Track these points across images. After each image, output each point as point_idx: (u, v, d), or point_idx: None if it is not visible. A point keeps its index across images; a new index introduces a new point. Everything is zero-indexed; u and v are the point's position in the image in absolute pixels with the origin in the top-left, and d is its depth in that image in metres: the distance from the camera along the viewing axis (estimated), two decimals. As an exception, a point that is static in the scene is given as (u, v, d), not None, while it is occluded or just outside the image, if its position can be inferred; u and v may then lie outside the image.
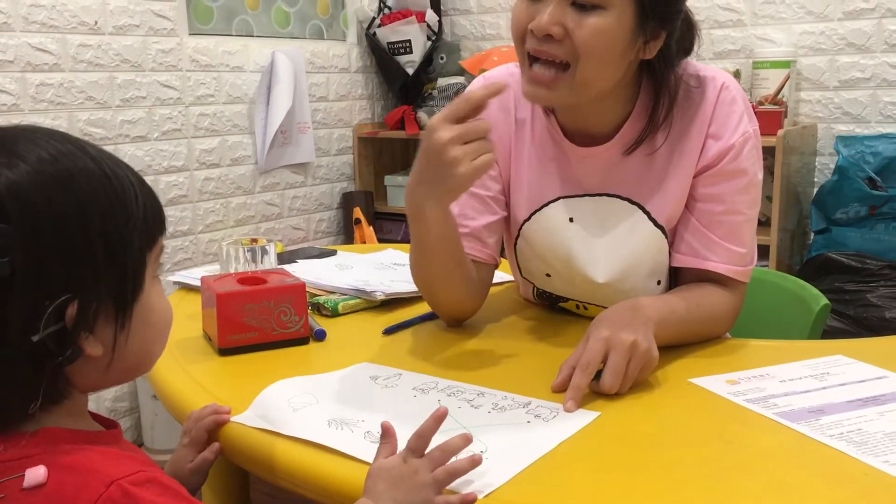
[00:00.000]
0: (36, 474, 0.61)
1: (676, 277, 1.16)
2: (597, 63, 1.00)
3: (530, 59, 1.03)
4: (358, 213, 2.94)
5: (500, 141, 1.16)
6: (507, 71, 1.19)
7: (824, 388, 0.92)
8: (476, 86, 1.12)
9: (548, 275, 1.19)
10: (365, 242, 2.85)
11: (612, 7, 0.97)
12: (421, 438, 0.74)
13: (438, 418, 0.75)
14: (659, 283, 1.15)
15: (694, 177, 1.09)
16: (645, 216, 1.11)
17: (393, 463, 0.71)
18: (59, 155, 0.62)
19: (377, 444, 0.77)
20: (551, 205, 1.15)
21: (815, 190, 2.49)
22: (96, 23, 2.23)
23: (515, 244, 1.21)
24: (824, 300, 1.31)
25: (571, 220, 1.14)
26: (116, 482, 0.60)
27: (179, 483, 0.65)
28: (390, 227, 3.06)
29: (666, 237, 1.11)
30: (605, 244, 1.12)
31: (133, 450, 0.71)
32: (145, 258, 0.67)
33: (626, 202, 1.12)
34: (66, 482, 0.61)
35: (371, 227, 2.94)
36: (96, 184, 0.63)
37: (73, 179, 0.62)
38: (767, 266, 2.30)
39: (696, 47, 1.09)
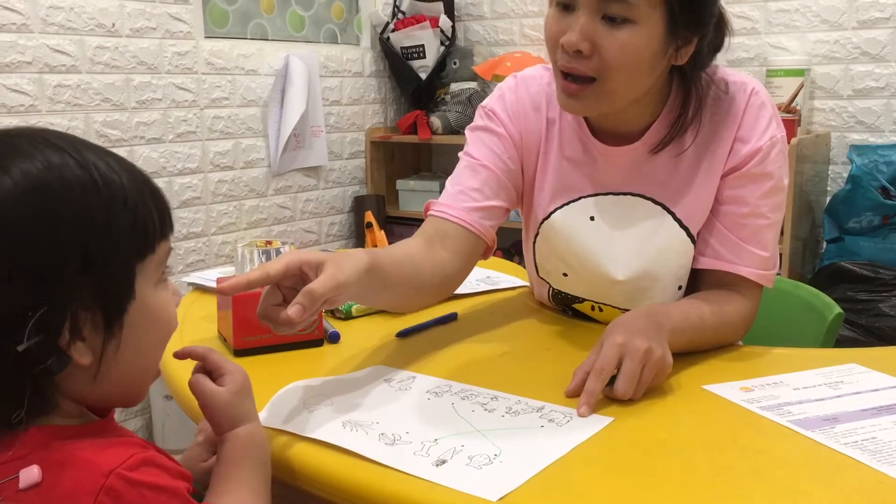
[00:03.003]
0: (30, 474, 0.61)
1: (695, 281, 1.15)
2: (626, 76, 1.00)
3: (563, 73, 1.03)
4: (369, 216, 2.93)
5: (531, 140, 1.17)
6: (540, 71, 1.19)
7: (838, 396, 0.92)
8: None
9: (565, 274, 1.19)
10: (376, 246, 2.86)
11: (642, 21, 0.97)
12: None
13: None
14: (680, 288, 1.14)
15: (720, 179, 1.09)
16: (670, 217, 1.11)
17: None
18: (46, 167, 0.62)
19: (391, 446, 0.77)
20: (573, 203, 1.15)
21: (828, 199, 2.48)
22: (113, 25, 2.25)
23: (534, 243, 1.21)
24: (837, 309, 1.31)
25: (593, 218, 1.14)
26: (114, 472, 0.60)
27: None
28: (402, 231, 3.06)
29: (692, 242, 1.11)
30: (626, 241, 1.12)
31: (124, 433, 0.70)
32: (133, 267, 0.66)
33: (650, 202, 1.12)
34: (62, 478, 0.61)
35: (382, 232, 2.93)
36: (78, 196, 0.62)
37: (52, 193, 0.61)
38: (780, 274, 2.29)
39: (726, 44, 1.08)
